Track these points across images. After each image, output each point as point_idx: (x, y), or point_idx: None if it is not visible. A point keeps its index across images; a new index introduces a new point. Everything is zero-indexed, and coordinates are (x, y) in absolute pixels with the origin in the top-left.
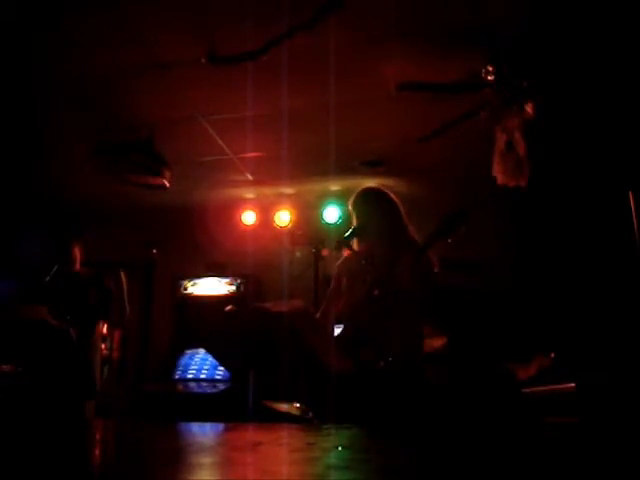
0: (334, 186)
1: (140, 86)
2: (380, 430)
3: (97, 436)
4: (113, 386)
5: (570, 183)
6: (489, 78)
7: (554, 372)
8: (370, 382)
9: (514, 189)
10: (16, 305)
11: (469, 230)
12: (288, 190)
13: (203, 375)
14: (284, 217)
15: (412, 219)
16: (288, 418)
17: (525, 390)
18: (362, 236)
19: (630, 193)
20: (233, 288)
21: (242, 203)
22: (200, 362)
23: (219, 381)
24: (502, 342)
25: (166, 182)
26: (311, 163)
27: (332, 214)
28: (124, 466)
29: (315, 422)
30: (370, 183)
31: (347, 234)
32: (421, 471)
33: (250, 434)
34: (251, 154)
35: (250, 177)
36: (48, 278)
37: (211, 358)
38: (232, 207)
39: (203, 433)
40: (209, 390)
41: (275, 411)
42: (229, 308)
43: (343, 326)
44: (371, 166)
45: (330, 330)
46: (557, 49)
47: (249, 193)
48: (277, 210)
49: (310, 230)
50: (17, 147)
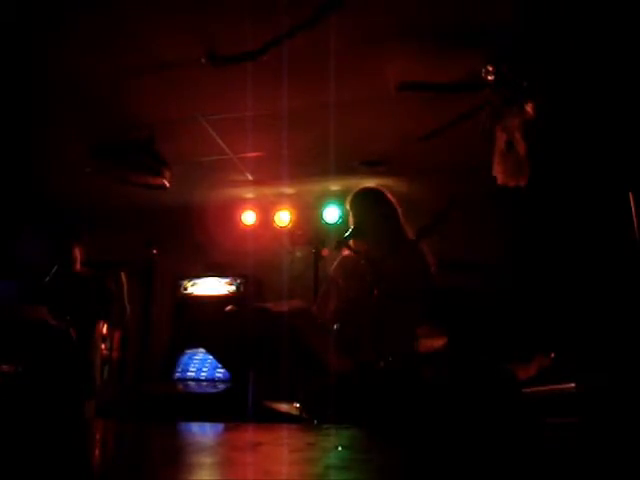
0: (334, 186)
1: (140, 86)
2: (380, 430)
3: (97, 436)
4: (113, 386)
5: (570, 183)
6: (489, 78)
7: (554, 372)
8: (370, 382)
9: (514, 189)
10: (16, 305)
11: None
12: (288, 190)
13: (203, 375)
14: (284, 217)
15: (412, 219)
16: (288, 418)
17: (525, 390)
18: (359, 236)
19: (630, 194)
20: (233, 288)
21: (242, 203)
22: (200, 362)
23: (219, 381)
24: (502, 342)
25: (166, 182)
26: (311, 163)
27: (332, 214)
28: (124, 466)
29: (315, 422)
30: (370, 183)
31: (347, 234)
32: (421, 471)
33: (250, 434)
34: (251, 154)
35: (250, 177)
36: (48, 278)
37: (211, 358)
38: (232, 207)
39: (203, 433)
40: (209, 390)
41: (275, 411)
42: (229, 308)
43: (342, 326)
44: (371, 166)
45: (330, 330)
46: (557, 49)
47: (249, 193)
48: (277, 210)
49: (310, 230)
50: (17, 147)
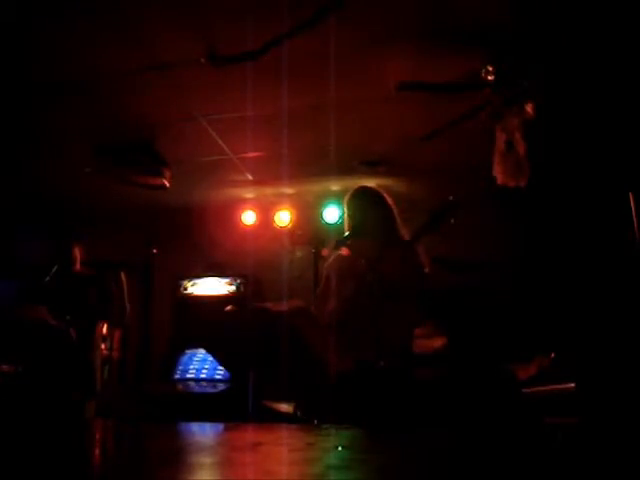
0: (334, 186)
1: (140, 86)
2: (380, 430)
3: (97, 436)
4: (113, 386)
5: (570, 183)
6: (489, 78)
7: (554, 372)
8: (370, 382)
9: (514, 189)
10: (16, 305)
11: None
12: (288, 190)
13: (203, 375)
14: (284, 217)
15: (412, 219)
16: (288, 418)
17: (525, 390)
18: (356, 235)
19: (630, 194)
20: (233, 288)
21: (242, 203)
22: (200, 362)
23: (219, 381)
24: (502, 342)
25: (166, 182)
26: (311, 163)
27: (332, 214)
28: (124, 466)
29: (315, 422)
30: (370, 183)
31: (346, 234)
32: (420, 471)
33: (250, 434)
34: (251, 154)
35: (250, 177)
36: (48, 278)
37: (211, 358)
38: (232, 207)
39: (203, 433)
40: (209, 390)
41: (275, 411)
42: (229, 308)
43: (340, 325)
44: (371, 166)
45: (330, 330)
46: (557, 49)
47: (249, 193)
48: (277, 210)
49: (310, 230)
50: (17, 147)
